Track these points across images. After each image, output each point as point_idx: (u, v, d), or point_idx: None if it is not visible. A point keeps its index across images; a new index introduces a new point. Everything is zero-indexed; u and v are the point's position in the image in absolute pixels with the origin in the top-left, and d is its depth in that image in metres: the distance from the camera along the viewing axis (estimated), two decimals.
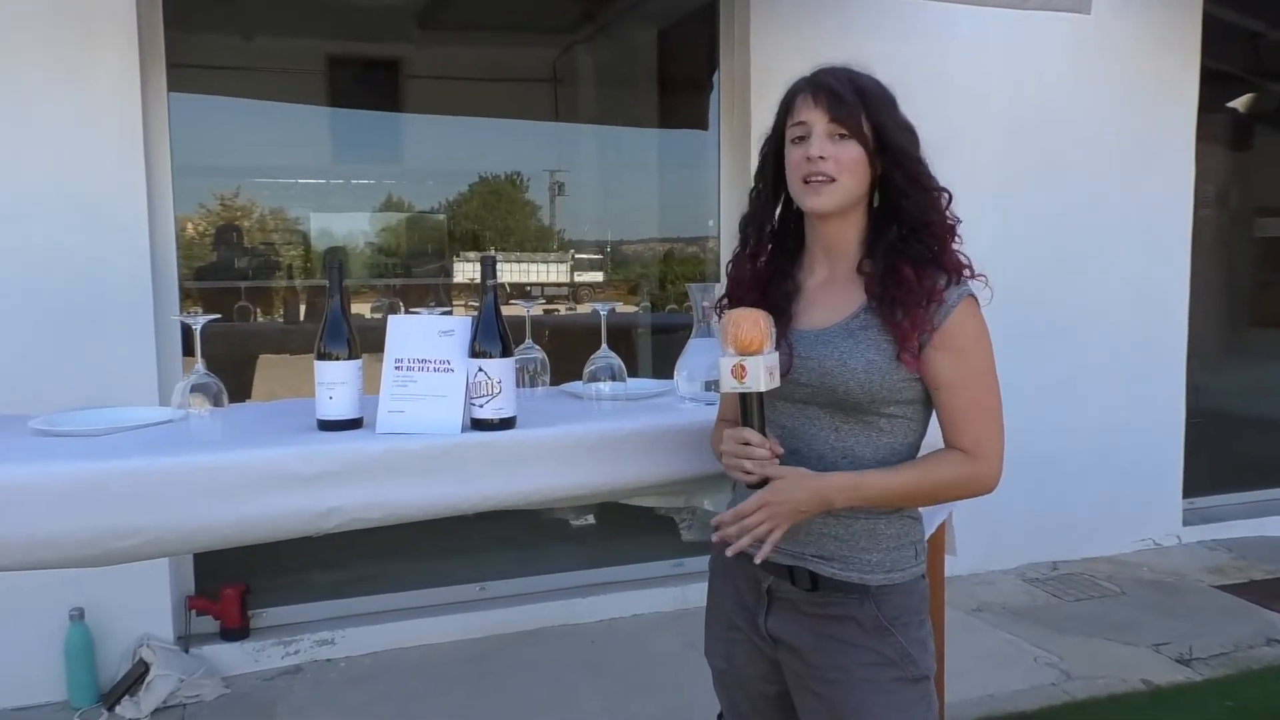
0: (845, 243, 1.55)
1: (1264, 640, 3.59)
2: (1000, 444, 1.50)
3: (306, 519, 1.60)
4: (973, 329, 1.49)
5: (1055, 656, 3.47)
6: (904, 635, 1.51)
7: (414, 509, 1.67)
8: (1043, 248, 4.30)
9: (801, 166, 1.50)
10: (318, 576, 3.80)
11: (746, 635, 1.62)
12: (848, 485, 1.46)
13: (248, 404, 2.37)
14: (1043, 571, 4.35)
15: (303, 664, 3.46)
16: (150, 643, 3.27)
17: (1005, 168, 4.22)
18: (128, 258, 3.16)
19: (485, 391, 1.72)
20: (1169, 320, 4.59)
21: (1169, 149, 4.50)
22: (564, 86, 5.73)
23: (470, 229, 5.78)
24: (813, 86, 1.51)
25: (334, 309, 1.77)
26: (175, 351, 3.38)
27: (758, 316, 1.44)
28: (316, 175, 5.38)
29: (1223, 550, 4.60)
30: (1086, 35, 4.22)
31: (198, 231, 5.04)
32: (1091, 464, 4.48)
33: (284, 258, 5.24)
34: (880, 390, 1.47)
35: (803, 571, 1.53)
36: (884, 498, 1.49)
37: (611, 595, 3.82)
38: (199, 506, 1.51)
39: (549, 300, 5.92)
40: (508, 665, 3.44)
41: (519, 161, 5.67)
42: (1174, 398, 4.64)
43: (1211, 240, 5.28)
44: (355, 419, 1.76)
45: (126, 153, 3.16)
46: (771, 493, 1.44)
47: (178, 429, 1.70)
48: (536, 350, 2.17)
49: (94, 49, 3.09)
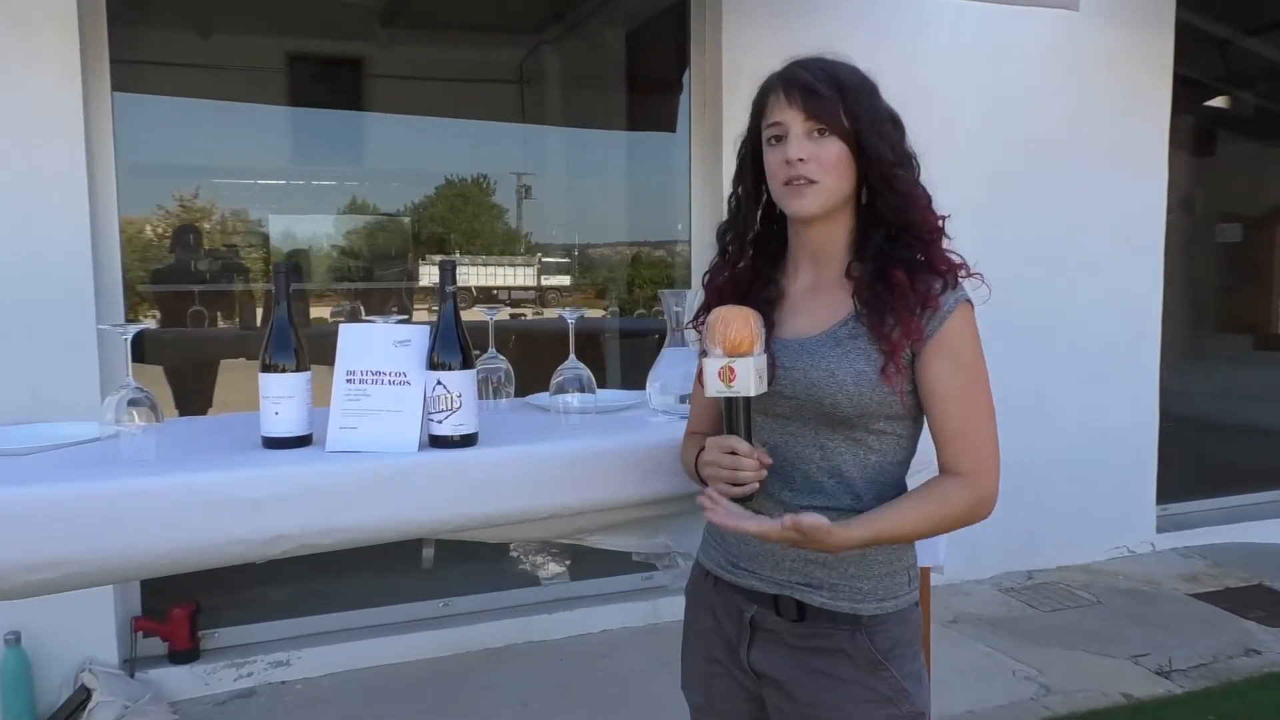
0: (832, 246, 1.44)
1: (1242, 650, 3.54)
2: (997, 463, 1.39)
3: (249, 547, 1.46)
4: (970, 337, 1.39)
5: (1034, 670, 3.40)
6: (898, 669, 1.40)
7: (367, 534, 1.54)
8: (1017, 252, 4.24)
9: (781, 170, 1.38)
10: (272, 594, 3.64)
11: (727, 669, 1.50)
12: (865, 539, 1.32)
13: (186, 419, 2.23)
14: (1018, 581, 4.28)
15: (256, 687, 3.30)
16: (92, 667, 3.09)
17: (980, 171, 4.15)
18: (68, 262, 2.99)
19: (444, 406, 1.60)
20: (1143, 325, 4.56)
21: (1143, 154, 4.47)
22: (531, 87, 5.61)
23: (436, 232, 5.65)
24: (785, 82, 1.40)
25: (280, 317, 1.64)
26: (122, 361, 3.21)
27: (748, 315, 1.33)
28: (277, 176, 5.23)
29: (1197, 557, 4.57)
30: (1061, 41, 4.18)
31: (156, 234, 4.87)
32: (1066, 470, 4.42)
33: (244, 260, 5.08)
34: (870, 404, 1.36)
35: (789, 601, 1.42)
36: (897, 540, 1.39)
37: (580, 610, 3.70)
38: (126, 536, 1.37)
39: (515, 305, 5.80)
40: (473, 685, 3.30)
41: (485, 163, 5.55)
42: (1148, 403, 4.61)
43: (1177, 245, 5.29)
44: (304, 436, 1.63)
45: (67, 153, 2.99)
46: (784, 536, 1.25)
47: (106, 448, 1.55)
48: (500, 360, 2.04)
49: (32, 44, 2.92)
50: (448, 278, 1.64)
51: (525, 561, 4.03)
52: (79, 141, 3.01)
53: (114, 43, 3.21)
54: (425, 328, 1.64)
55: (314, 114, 5.31)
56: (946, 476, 1.39)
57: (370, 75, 5.38)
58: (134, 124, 3.82)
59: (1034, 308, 4.29)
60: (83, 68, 3.01)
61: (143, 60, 4.39)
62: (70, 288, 3.00)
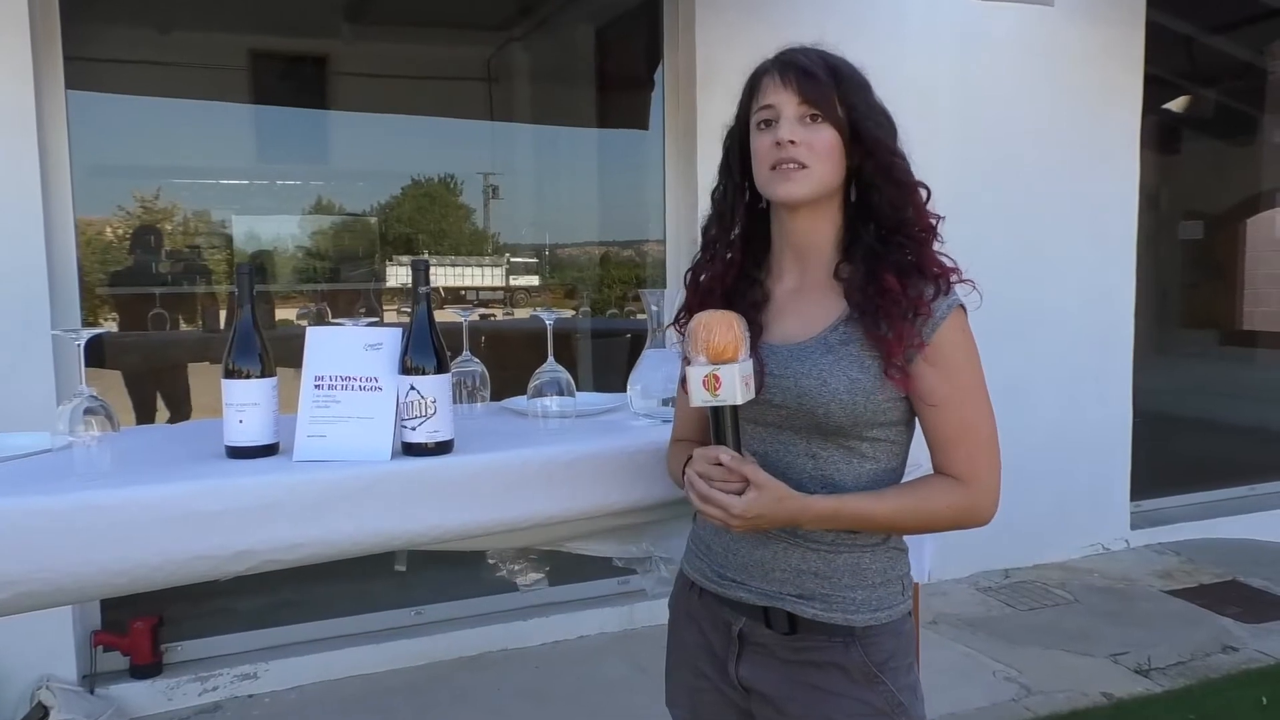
0: (818, 243, 1.39)
1: (1219, 647, 3.55)
2: (997, 470, 1.35)
3: (212, 563, 1.39)
4: (963, 344, 1.34)
5: (1014, 670, 3.38)
6: (894, 682, 1.35)
7: (337, 547, 1.47)
8: (991, 247, 4.21)
9: (770, 153, 1.33)
10: (239, 604, 3.54)
11: (715, 684, 1.44)
12: (826, 515, 1.30)
13: (146, 427, 2.13)
14: (995, 580, 4.27)
15: (222, 701, 3.20)
16: (50, 683, 2.98)
17: (954, 166, 4.12)
18: (19, 266, 2.88)
19: (418, 412, 1.53)
20: (1117, 321, 4.56)
21: (1115, 150, 4.48)
22: (499, 85, 5.54)
23: (404, 232, 5.58)
24: (781, 66, 1.35)
25: (244, 320, 1.56)
26: (75, 365, 3.09)
27: (731, 320, 1.27)
28: (240, 176, 5.13)
29: (1171, 554, 4.59)
30: (1034, 37, 4.17)
31: (116, 235, 4.76)
32: (1041, 468, 4.41)
33: (207, 262, 4.98)
34: (864, 412, 1.31)
35: (779, 613, 1.37)
36: (863, 526, 1.33)
37: (556, 616, 3.63)
38: (80, 553, 1.29)
39: (484, 305, 5.72)
40: (447, 696, 3.23)
41: (452, 163, 5.49)
42: (1122, 399, 4.62)
43: (1142, 242, 5.32)
44: (270, 445, 1.55)
45: (20, 152, 2.87)
46: (745, 505, 1.24)
47: (58, 460, 1.46)
48: (475, 363, 1.97)
49: None
50: (420, 278, 1.56)
51: (500, 568, 3.94)
52: (31, 141, 2.90)
53: (69, 40, 3.10)
54: (397, 331, 1.57)
55: (277, 112, 5.21)
56: (937, 475, 1.35)
57: (335, 73, 5.28)
58: (92, 123, 3.72)
59: (1007, 304, 4.27)
60: (35, 65, 2.90)
61: (101, 58, 4.28)
62: (23, 292, 2.89)
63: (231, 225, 5.14)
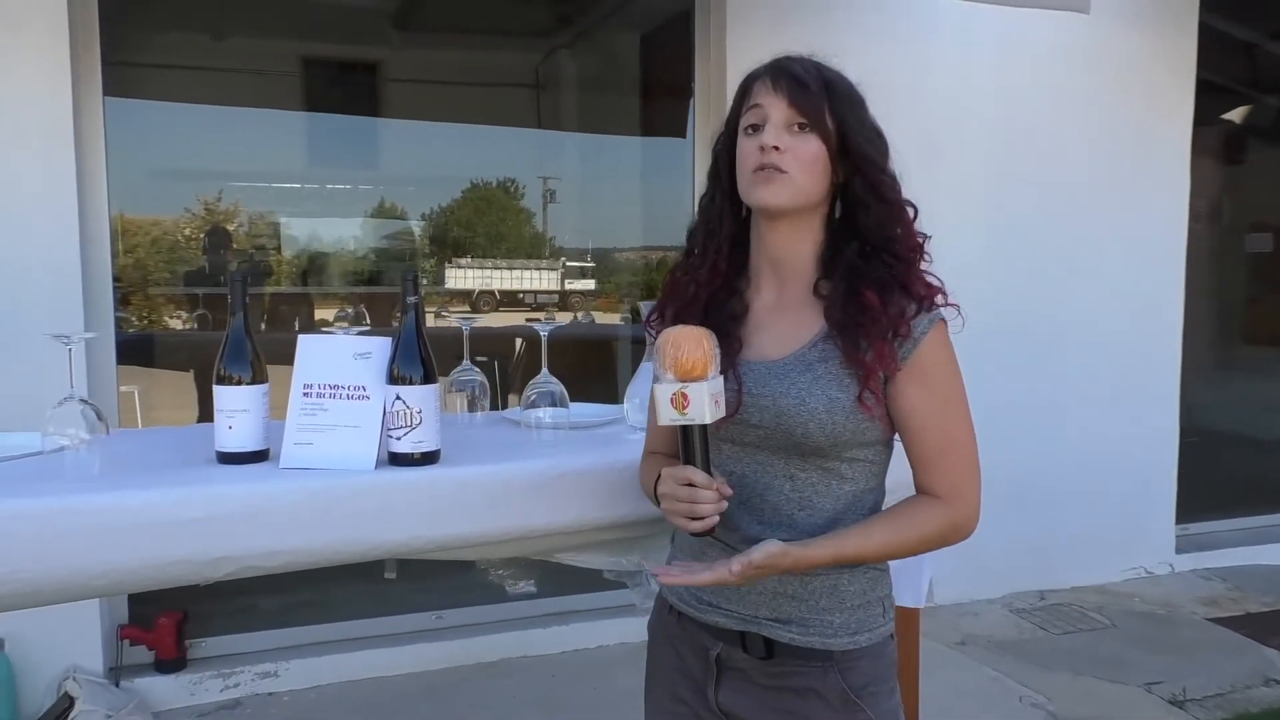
0: (797, 256, 1.35)
1: (1262, 680, 3.41)
2: (978, 486, 1.32)
3: (190, 568, 1.40)
4: (945, 358, 1.31)
5: (1042, 696, 3.28)
6: (873, 708, 1.31)
7: (317, 555, 1.47)
8: (1030, 259, 4.13)
9: (753, 157, 1.30)
10: (262, 603, 3.59)
11: (693, 709, 1.41)
12: (826, 560, 1.26)
13: (143, 430, 2.17)
14: (1030, 601, 4.16)
15: (242, 698, 3.24)
16: (76, 675, 3.05)
17: (991, 175, 4.05)
18: (52, 266, 2.94)
19: (404, 422, 1.53)
20: (1162, 336, 4.42)
21: (1163, 161, 4.34)
22: (546, 92, 5.58)
23: (461, 235, 5.66)
24: (773, 71, 1.33)
25: (236, 327, 1.57)
26: (109, 365, 3.17)
27: (700, 336, 1.23)
28: (292, 180, 5.25)
29: (1217, 580, 4.42)
30: (1077, 43, 4.06)
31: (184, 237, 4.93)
32: (1080, 487, 4.29)
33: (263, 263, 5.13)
34: (844, 433, 1.28)
35: (756, 637, 1.34)
36: (860, 561, 1.31)
37: (575, 625, 3.62)
38: (59, 557, 1.31)
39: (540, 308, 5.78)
40: (462, 701, 3.23)
41: (501, 168, 5.57)
42: (1167, 417, 4.47)
43: (1204, 255, 5.13)
44: (259, 451, 1.57)
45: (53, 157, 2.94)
46: (743, 577, 1.21)
47: (47, 462, 1.49)
48: (476, 372, 1.97)
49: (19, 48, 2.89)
50: (409, 288, 1.56)
51: (521, 575, 3.95)
52: (68, 145, 2.96)
53: (123, 47, 3.20)
54: (387, 340, 1.57)
55: (327, 118, 5.31)
56: (920, 498, 1.32)
57: (384, 79, 5.36)
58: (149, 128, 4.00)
59: (1047, 316, 4.18)
60: (74, 72, 2.97)
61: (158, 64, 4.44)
62: (56, 293, 2.95)
63: (284, 228, 5.26)
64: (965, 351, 1.33)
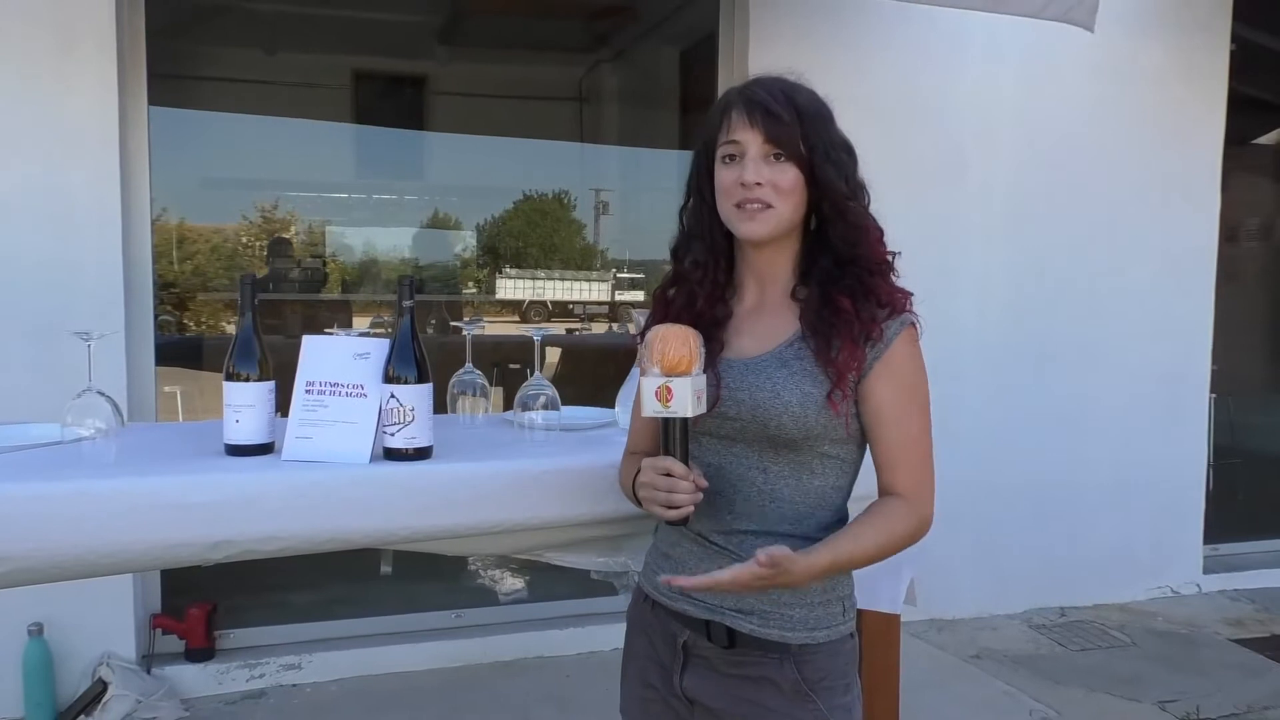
0: (778, 268, 1.44)
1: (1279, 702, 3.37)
2: (933, 484, 1.38)
3: (192, 551, 1.50)
4: (912, 360, 1.38)
5: (1053, 711, 3.28)
6: (825, 701, 1.37)
7: (312, 542, 1.56)
8: (1055, 274, 4.13)
9: (735, 191, 1.37)
10: (289, 597, 3.71)
11: (661, 695, 1.48)
12: (826, 567, 1.30)
13: (159, 425, 2.29)
14: (1050, 617, 4.14)
15: (267, 688, 3.36)
16: (110, 661, 3.19)
17: (1016, 191, 4.05)
18: (96, 267, 3.10)
19: (398, 419, 1.62)
20: (1191, 355, 4.38)
21: (1192, 178, 4.30)
22: (589, 105, 5.69)
23: (513, 246, 5.80)
24: (747, 102, 1.38)
25: (245, 328, 1.67)
26: (148, 364, 3.32)
27: (687, 334, 1.32)
28: (341, 190, 5.43)
29: (1245, 601, 4.36)
30: (1104, 58, 4.05)
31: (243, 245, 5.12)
32: (1106, 504, 4.27)
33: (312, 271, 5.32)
34: (815, 426, 1.34)
35: (719, 627, 1.40)
36: (854, 565, 1.37)
37: (590, 628, 3.68)
38: (70, 536, 1.41)
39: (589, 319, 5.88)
40: (478, 698, 3.31)
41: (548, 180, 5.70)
42: (1196, 436, 4.42)
43: (1256, 272, 5.06)
44: (265, 444, 1.67)
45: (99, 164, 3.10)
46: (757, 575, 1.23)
47: (66, 451, 1.60)
48: (477, 375, 2.06)
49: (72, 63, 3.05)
50: (405, 293, 1.66)
51: (540, 576, 4.03)
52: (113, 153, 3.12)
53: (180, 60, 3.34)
54: (385, 342, 1.66)
55: (378, 131, 5.49)
56: (890, 499, 1.37)
57: (432, 93, 5.52)
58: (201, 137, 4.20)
59: (1072, 331, 4.17)
60: (120, 82, 3.12)
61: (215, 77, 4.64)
62: (99, 293, 3.11)
63: (331, 238, 5.44)
64: (990, 365, 1.39)
